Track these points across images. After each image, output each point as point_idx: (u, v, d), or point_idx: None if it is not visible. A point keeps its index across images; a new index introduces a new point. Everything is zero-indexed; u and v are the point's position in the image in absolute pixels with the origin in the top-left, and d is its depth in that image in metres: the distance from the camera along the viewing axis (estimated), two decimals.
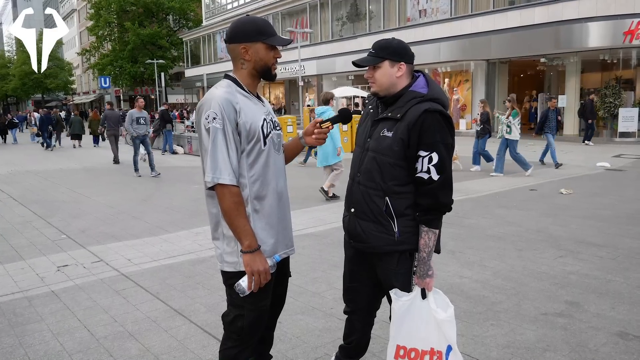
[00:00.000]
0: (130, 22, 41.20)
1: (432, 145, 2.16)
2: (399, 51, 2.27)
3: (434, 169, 2.16)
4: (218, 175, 2.01)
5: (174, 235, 6.16)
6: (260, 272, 2.06)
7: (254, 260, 2.06)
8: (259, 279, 2.07)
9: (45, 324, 3.66)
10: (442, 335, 2.20)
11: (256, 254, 2.07)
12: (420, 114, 2.16)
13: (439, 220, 2.25)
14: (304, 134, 2.42)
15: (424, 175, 2.18)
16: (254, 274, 2.06)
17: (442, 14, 22.19)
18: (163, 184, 10.71)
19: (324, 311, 3.78)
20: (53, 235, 6.35)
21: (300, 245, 5.44)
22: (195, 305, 3.95)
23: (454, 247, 5.33)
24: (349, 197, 2.42)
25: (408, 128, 2.17)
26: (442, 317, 2.20)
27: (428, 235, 2.22)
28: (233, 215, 2.05)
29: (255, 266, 2.05)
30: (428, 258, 2.24)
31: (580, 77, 19.16)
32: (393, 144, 2.20)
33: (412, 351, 2.24)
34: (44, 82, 55.87)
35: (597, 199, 7.84)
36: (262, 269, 2.07)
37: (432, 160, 2.15)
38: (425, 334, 2.21)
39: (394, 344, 2.29)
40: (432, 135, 2.15)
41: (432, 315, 2.21)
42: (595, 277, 4.41)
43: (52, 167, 14.40)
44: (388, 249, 2.27)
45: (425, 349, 2.22)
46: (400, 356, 2.26)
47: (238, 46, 2.15)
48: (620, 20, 16.45)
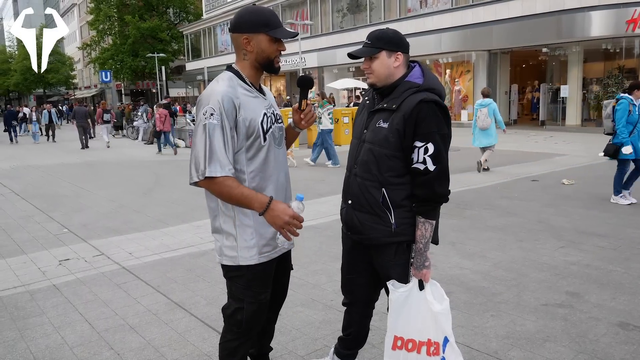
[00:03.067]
0: (130, 16, 41.06)
1: (428, 135, 2.14)
2: (395, 41, 2.25)
3: (429, 159, 2.15)
4: (212, 169, 1.98)
5: (175, 229, 6.17)
6: (287, 223, 1.99)
7: (273, 217, 1.99)
8: (290, 227, 2.00)
9: (46, 318, 3.68)
10: (438, 326, 2.20)
11: (272, 210, 1.99)
12: (415, 104, 2.14)
13: (435, 211, 2.24)
14: (295, 123, 2.40)
15: (420, 166, 2.16)
16: (284, 227, 2.00)
17: (443, 4, 22.04)
18: (164, 178, 10.72)
19: (324, 303, 3.78)
20: (55, 229, 6.36)
21: (300, 238, 5.39)
22: (196, 298, 3.96)
23: (454, 238, 5.32)
24: (346, 189, 2.41)
25: (404, 118, 2.16)
26: (438, 309, 2.20)
27: (425, 227, 2.21)
28: (232, 193, 2.00)
29: (279, 220, 1.99)
30: (425, 249, 2.24)
31: (583, 66, 19.03)
32: (389, 135, 2.19)
33: (410, 342, 2.24)
34: (45, 77, 55.79)
35: (599, 190, 7.81)
36: (287, 219, 1.99)
37: (428, 151, 2.14)
38: (422, 325, 2.22)
39: (391, 334, 2.30)
40: (427, 126, 2.14)
41: (429, 307, 2.21)
42: (596, 267, 4.40)
43: (54, 161, 14.42)
44: (385, 240, 2.27)
45: (422, 340, 2.22)
46: (397, 347, 2.27)
47: (240, 36, 2.10)
48: (623, 8, 16.30)
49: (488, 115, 9.68)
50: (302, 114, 2.34)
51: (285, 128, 2.41)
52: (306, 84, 2.36)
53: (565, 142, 14.45)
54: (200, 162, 2.00)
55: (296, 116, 2.36)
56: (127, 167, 12.71)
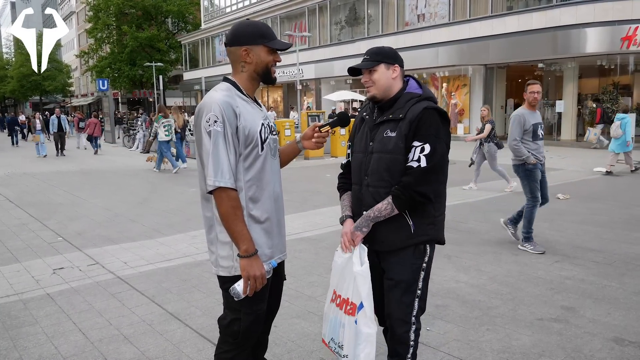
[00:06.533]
0: (128, 26, 41.16)
1: (427, 137, 2.24)
2: (392, 55, 2.39)
3: (424, 157, 2.23)
4: (219, 178, 2.00)
5: (171, 239, 6.15)
6: (256, 277, 2.06)
7: (251, 264, 2.05)
8: (254, 283, 2.07)
9: (40, 327, 3.65)
10: (355, 288, 2.36)
11: (253, 259, 2.06)
12: (420, 110, 2.25)
13: (405, 204, 2.26)
14: (303, 138, 2.43)
15: (413, 164, 2.24)
16: (250, 279, 2.05)
17: (440, 18, 22.25)
18: (160, 187, 10.70)
19: (319, 315, 3.76)
20: (49, 237, 6.33)
21: (296, 249, 5.44)
22: (191, 309, 3.94)
23: (450, 251, 5.33)
24: (357, 202, 2.44)
25: (410, 123, 2.25)
26: (357, 269, 2.35)
27: (387, 207, 2.28)
28: (231, 219, 2.04)
29: (252, 271, 2.05)
30: (372, 220, 2.32)
31: (578, 82, 19.22)
32: (398, 141, 2.27)
33: (339, 297, 2.47)
34: (42, 84, 55.79)
35: (594, 204, 7.85)
36: (259, 273, 2.06)
37: (424, 150, 2.23)
38: (347, 284, 2.41)
39: (332, 289, 2.52)
40: (428, 129, 2.24)
41: (352, 267, 2.38)
42: (591, 282, 4.41)
43: (49, 169, 14.37)
44: (404, 243, 2.33)
45: (344, 298, 2.43)
46: (332, 300, 2.50)
47: (239, 49, 2.15)
48: (618, 26, 16.51)
49: (619, 127, 11.29)
50: (316, 134, 2.40)
51: (289, 143, 2.46)
52: (343, 121, 2.56)
53: (560, 157, 14.52)
54: (210, 171, 2.02)
55: (310, 132, 2.42)
56: (122, 176, 12.69)
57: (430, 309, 3.65)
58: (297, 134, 16.60)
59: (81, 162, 16.63)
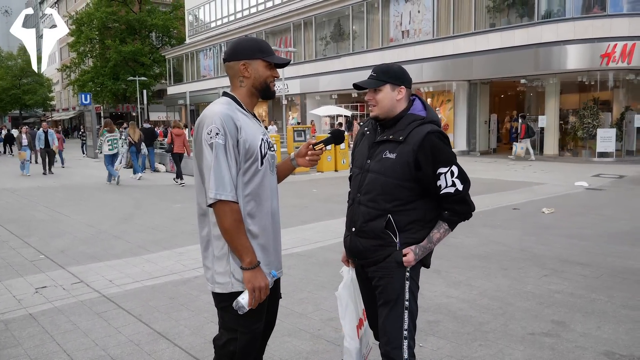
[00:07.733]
0: (111, 39, 40.98)
1: (449, 161, 2.25)
2: (399, 75, 2.34)
3: (458, 180, 2.25)
4: (221, 191, 1.99)
5: (157, 256, 6.05)
6: (261, 288, 2.06)
7: (255, 276, 2.05)
8: (259, 295, 2.06)
9: (22, 349, 3.54)
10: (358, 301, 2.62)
11: (257, 270, 2.06)
12: (424, 135, 2.23)
13: (457, 224, 2.36)
14: (297, 155, 2.42)
15: (450, 190, 2.25)
16: (255, 291, 2.04)
17: (424, 35, 22.54)
18: (144, 203, 10.56)
19: (311, 333, 3.72)
20: (31, 255, 6.18)
21: (286, 265, 5.35)
22: (180, 328, 3.86)
23: (439, 266, 5.32)
24: (350, 217, 2.44)
25: (414, 150, 2.22)
26: None
27: (444, 234, 2.34)
28: (234, 233, 2.02)
29: (257, 282, 2.05)
30: (430, 250, 2.35)
31: (560, 97, 19.57)
32: (396, 166, 2.25)
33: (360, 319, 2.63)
34: (22, 98, 55.10)
35: (579, 218, 7.94)
36: (264, 284, 2.07)
37: (454, 174, 2.24)
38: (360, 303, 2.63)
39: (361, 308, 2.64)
40: (445, 153, 2.25)
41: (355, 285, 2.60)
42: (580, 296, 4.44)
43: (30, 184, 14.12)
44: (389, 259, 2.30)
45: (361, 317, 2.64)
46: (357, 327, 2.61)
47: (237, 63, 2.16)
48: (598, 43, 16.88)
49: None
50: (310, 152, 2.40)
51: (283, 161, 2.44)
52: (337, 139, 2.56)
53: (543, 171, 14.71)
54: (212, 184, 2.00)
55: (304, 150, 2.41)
56: (105, 191, 12.50)
57: (422, 324, 3.63)
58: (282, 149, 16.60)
59: (64, 177, 16.37)
